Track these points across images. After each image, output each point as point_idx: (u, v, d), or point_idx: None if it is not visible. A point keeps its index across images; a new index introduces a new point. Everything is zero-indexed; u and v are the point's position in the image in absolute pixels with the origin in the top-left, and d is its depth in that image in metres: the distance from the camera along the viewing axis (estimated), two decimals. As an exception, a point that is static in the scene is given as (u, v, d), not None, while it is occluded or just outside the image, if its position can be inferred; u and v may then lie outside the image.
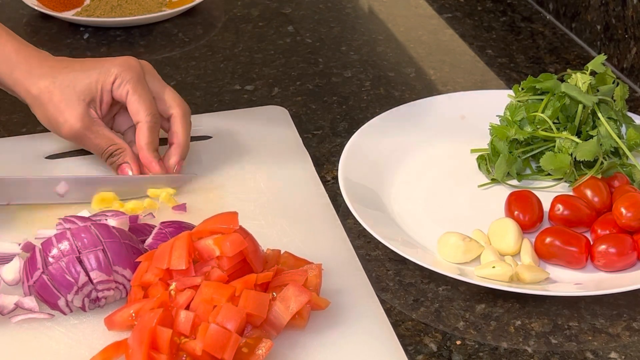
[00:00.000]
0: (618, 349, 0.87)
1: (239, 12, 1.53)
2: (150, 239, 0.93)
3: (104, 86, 1.04)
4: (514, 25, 1.47)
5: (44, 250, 0.89)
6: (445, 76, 1.33)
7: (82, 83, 1.04)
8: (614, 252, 0.93)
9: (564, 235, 0.95)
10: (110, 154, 1.05)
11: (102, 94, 1.04)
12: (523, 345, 0.87)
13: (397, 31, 1.46)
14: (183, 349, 0.81)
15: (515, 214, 1.00)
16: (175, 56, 1.39)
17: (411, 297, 0.93)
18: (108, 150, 1.05)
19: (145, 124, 1.04)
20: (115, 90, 1.04)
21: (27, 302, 0.88)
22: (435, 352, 0.87)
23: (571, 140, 1.05)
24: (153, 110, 1.05)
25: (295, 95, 1.28)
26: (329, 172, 1.11)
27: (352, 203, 1.00)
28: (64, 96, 1.03)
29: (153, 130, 1.05)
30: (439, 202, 1.06)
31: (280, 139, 1.15)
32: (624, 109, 1.10)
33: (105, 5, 1.48)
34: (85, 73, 1.04)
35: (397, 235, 0.99)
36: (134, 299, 0.86)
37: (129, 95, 1.04)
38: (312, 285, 0.87)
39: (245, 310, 0.81)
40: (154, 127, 1.05)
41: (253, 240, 0.88)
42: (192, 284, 0.84)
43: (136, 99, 1.04)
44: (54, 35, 1.45)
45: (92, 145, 1.05)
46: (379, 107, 1.24)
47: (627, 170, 1.05)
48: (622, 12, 1.27)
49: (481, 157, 1.10)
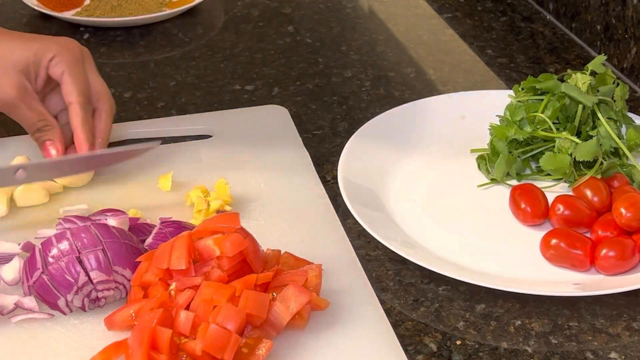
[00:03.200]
0: (618, 349, 0.87)
1: (239, 12, 1.53)
2: (150, 239, 0.93)
3: (42, 61, 1.03)
4: (514, 25, 1.47)
5: (43, 250, 0.89)
6: (445, 76, 1.33)
7: (20, 53, 1.02)
8: (616, 257, 0.93)
9: (569, 238, 0.95)
10: (38, 128, 1.03)
11: (38, 68, 1.03)
12: (523, 345, 0.87)
13: (397, 31, 1.46)
14: (183, 349, 0.81)
15: (522, 206, 1.00)
16: (175, 56, 1.39)
17: (411, 297, 0.93)
18: (37, 124, 1.03)
19: (77, 104, 1.03)
20: (52, 67, 1.03)
21: (27, 302, 0.88)
22: (435, 352, 0.87)
23: (571, 140, 1.05)
24: (86, 92, 1.04)
25: (295, 95, 1.28)
26: (329, 172, 1.11)
27: (352, 203, 1.00)
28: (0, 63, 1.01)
29: (86, 111, 1.03)
30: (438, 202, 1.06)
31: (280, 138, 1.15)
32: (624, 109, 1.10)
33: (105, 5, 1.48)
34: (24, 44, 1.03)
35: (397, 235, 0.99)
36: (134, 299, 0.86)
37: (64, 75, 1.03)
38: (312, 286, 0.87)
39: (245, 311, 0.81)
40: (87, 108, 1.03)
41: (253, 240, 0.88)
42: (192, 284, 0.84)
43: (71, 80, 1.03)
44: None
45: (22, 117, 1.03)
46: (379, 107, 1.24)
47: (626, 170, 1.05)
48: (622, 12, 1.27)
49: (481, 157, 1.10)
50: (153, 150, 1.13)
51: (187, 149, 1.14)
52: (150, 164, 1.10)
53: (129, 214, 0.98)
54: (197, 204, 1.00)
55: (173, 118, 1.21)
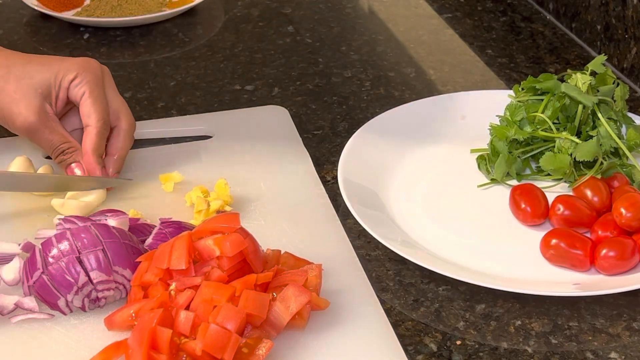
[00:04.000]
0: (618, 349, 0.87)
1: (239, 12, 1.53)
2: (150, 239, 0.93)
3: (63, 82, 1.02)
4: (514, 25, 1.47)
5: (43, 250, 0.89)
6: (445, 76, 1.33)
7: (41, 76, 1.02)
8: (616, 257, 0.93)
9: (569, 238, 0.95)
10: (62, 151, 1.03)
11: (59, 90, 1.02)
12: (523, 345, 0.87)
13: (397, 31, 1.46)
14: (183, 349, 0.81)
15: (522, 206, 1.01)
16: (175, 56, 1.39)
17: (411, 297, 0.93)
18: (60, 147, 1.03)
19: (94, 129, 1.02)
20: (72, 88, 1.02)
21: (27, 302, 0.88)
22: (435, 352, 0.87)
23: (571, 140, 1.05)
24: (105, 116, 1.03)
25: (295, 95, 1.28)
26: (329, 172, 1.11)
27: (352, 203, 1.00)
28: (19, 86, 1.00)
29: (101, 136, 1.03)
30: (438, 202, 1.06)
31: (280, 139, 1.15)
32: (624, 109, 1.10)
33: (105, 5, 1.48)
34: (44, 66, 1.02)
35: (397, 235, 0.99)
36: (134, 299, 0.86)
37: (84, 96, 1.02)
38: (312, 286, 0.87)
39: (245, 311, 0.81)
40: (103, 134, 1.03)
41: (253, 240, 0.88)
42: (192, 284, 0.84)
43: (91, 102, 1.02)
44: (54, 35, 1.45)
45: (44, 141, 1.03)
46: (379, 107, 1.24)
47: (626, 170, 1.05)
48: (622, 12, 1.27)
49: (481, 157, 1.10)
50: (154, 150, 1.13)
51: (187, 149, 1.14)
52: (151, 164, 1.10)
53: (129, 215, 0.98)
54: (197, 204, 1.00)
55: (174, 118, 1.21)
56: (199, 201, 0.99)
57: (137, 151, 1.12)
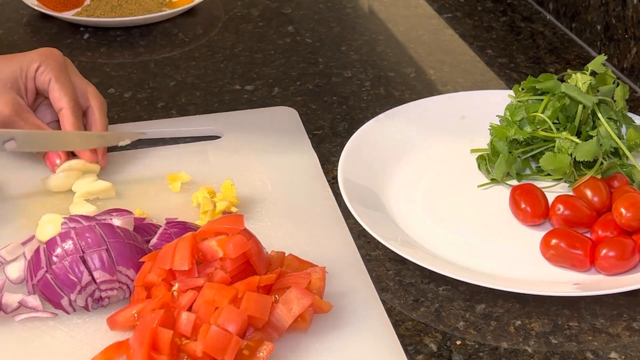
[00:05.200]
0: (618, 349, 0.87)
1: (239, 12, 1.53)
2: (155, 239, 0.93)
3: (28, 73, 1.06)
4: (514, 25, 1.47)
5: (48, 249, 0.89)
6: (445, 76, 1.33)
7: (7, 70, 1.06)
8: (616, 257, 0.93)
9: (569, 238, 0.95)
10: None
11: (27, 81, 1.06)
12: (523, 345, 0.87)
13: (397, 31, 1.46)
14: (184, 350, 0.81)
15: (522, 206, 1.01)
16: (175, 56, 1.39)
17: (411, 297, 0.93)
18: None
19: (68, 110, 1.06)
20: (38, 77, 1.06)
21: (31, 301, 0.88)
22: (435, 352, 0.87)
23: (571, 140, 1.06)
24: (75, 97, 1.07)
25: (295, 95, 1.28)
26: (329, 172, 1.11)
27: (352, 203, 1.00)
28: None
29: (76, 115, 1.06)
30: (438, 202, 1.06)
31: (289, 140, 1.15)
32: (624, 109, 1.10)
33: (105, 5, 1.49)
34: (9, 61, 1.07)
35: (397, 235, 0.99)
36: (137, 299, 0.87)
37: (51, 82, 1.06)
38: (315, 288, 0.86)
39: (247, 313, 0.81)
40: (77, 112, 1.06)
41: (257, 242, 0.88)
42: (194, 285, 0.84)
43: (59, 87, 1.06)
44: (54, 35, 1.45)
45: None
46: (379, 107, 1.24)
47: (627, 170, 1.06)
48: (622, 12, 1.28)
49: (481, 157, 1.10)
50: (162, 150, 1.13)
51: (195, 149, 1.14)
52: (159, 164, 1.10)
53: (135, 214, 0.98)
54: (203, 205, 1.00)
55: (182, 118, 1.21)
56: (205, 202, 1.00)
57: (145, 151, 1.13)
